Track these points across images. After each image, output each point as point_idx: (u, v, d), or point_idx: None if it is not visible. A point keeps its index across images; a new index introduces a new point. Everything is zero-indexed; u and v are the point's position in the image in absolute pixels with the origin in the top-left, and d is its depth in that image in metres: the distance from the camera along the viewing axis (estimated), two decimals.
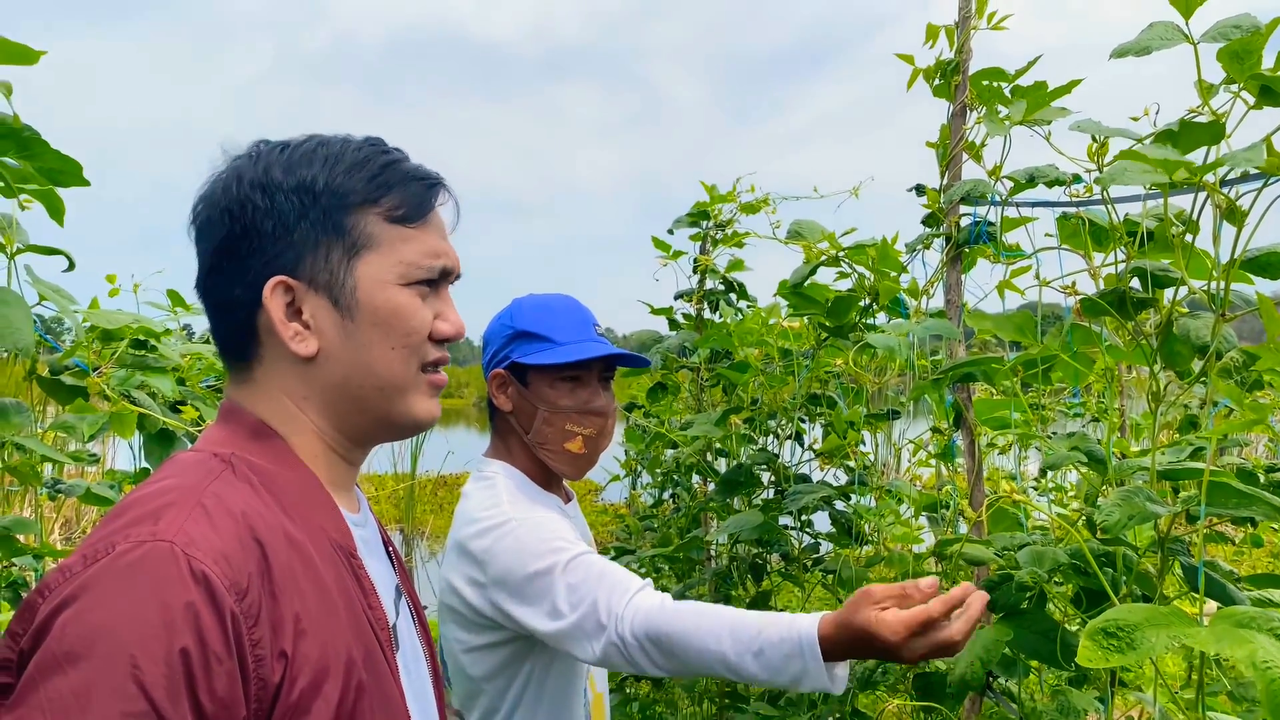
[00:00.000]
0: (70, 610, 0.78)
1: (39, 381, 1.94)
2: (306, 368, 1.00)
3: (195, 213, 1.03)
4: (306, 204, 0.99)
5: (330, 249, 1.00)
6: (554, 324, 1.71)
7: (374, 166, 1.03)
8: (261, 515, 0.89)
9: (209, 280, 1.02)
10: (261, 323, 1.00)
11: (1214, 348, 1.20)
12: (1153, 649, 1.11)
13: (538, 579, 1.50)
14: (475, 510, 1.64)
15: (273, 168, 1.01)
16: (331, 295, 1.00)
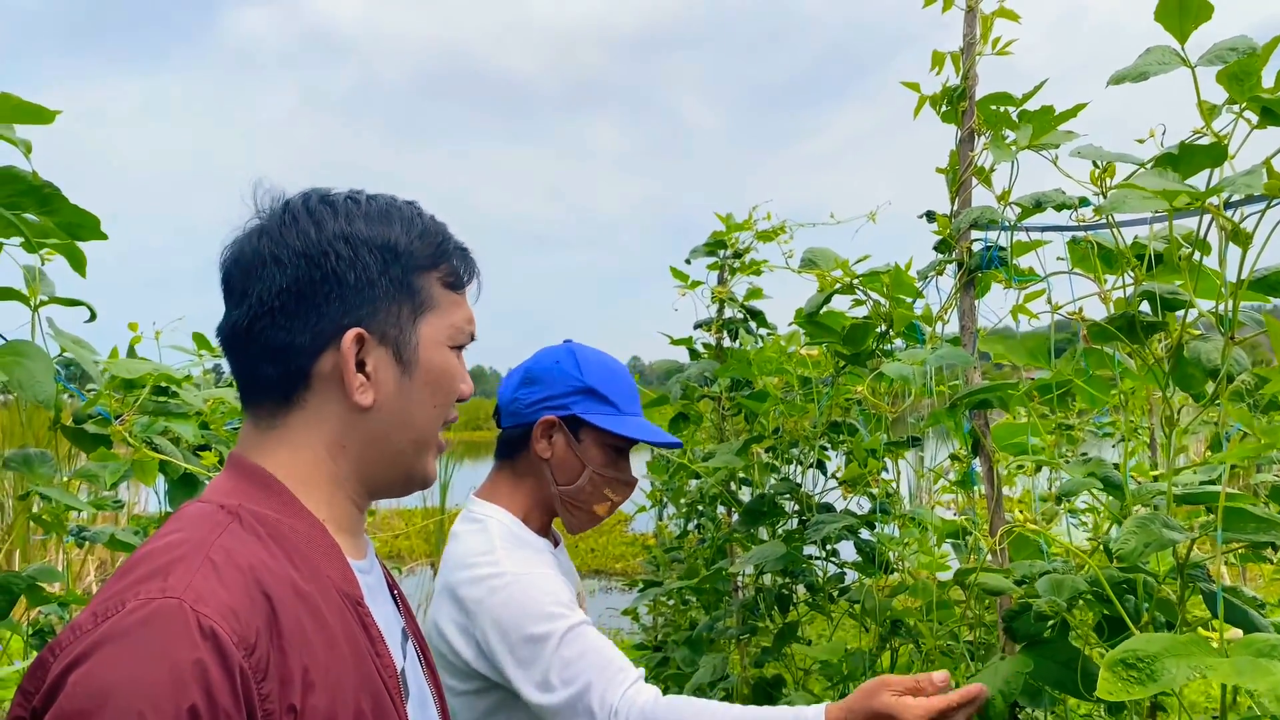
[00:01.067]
0: (81, 669, 0.79)
1: (63, 430, 1.97)
2: (355, 417, 1.02)
3: (253, 252, 1.02)
4: (388, 260, 1.03)
5: (401, 307, 1.04)
6: (618, 389, 1.73)
7: (435, 234, 1.08)
8: (269, 568, 0.90)
9: (265, 321, 1.00)
10: (320, 369, 1.01)
11: (1224, 371, 1.19)
12: (1174, 680, 1.09)
13: (532, 644, 1.50)
14: (467, 555, 1.64)
15: (355, 220, 1.03)
16: (396, 350, 1.03)
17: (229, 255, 1.04)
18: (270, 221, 1.03)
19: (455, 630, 1.60)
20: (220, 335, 1.05)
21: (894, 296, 2.24)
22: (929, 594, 2.02)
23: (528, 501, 1.75)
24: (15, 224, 1.65)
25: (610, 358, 1.79)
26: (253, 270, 1.01)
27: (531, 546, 1.69)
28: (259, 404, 1.04)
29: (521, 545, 1.67)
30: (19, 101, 1.59)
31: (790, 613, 3.04)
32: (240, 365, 1.04)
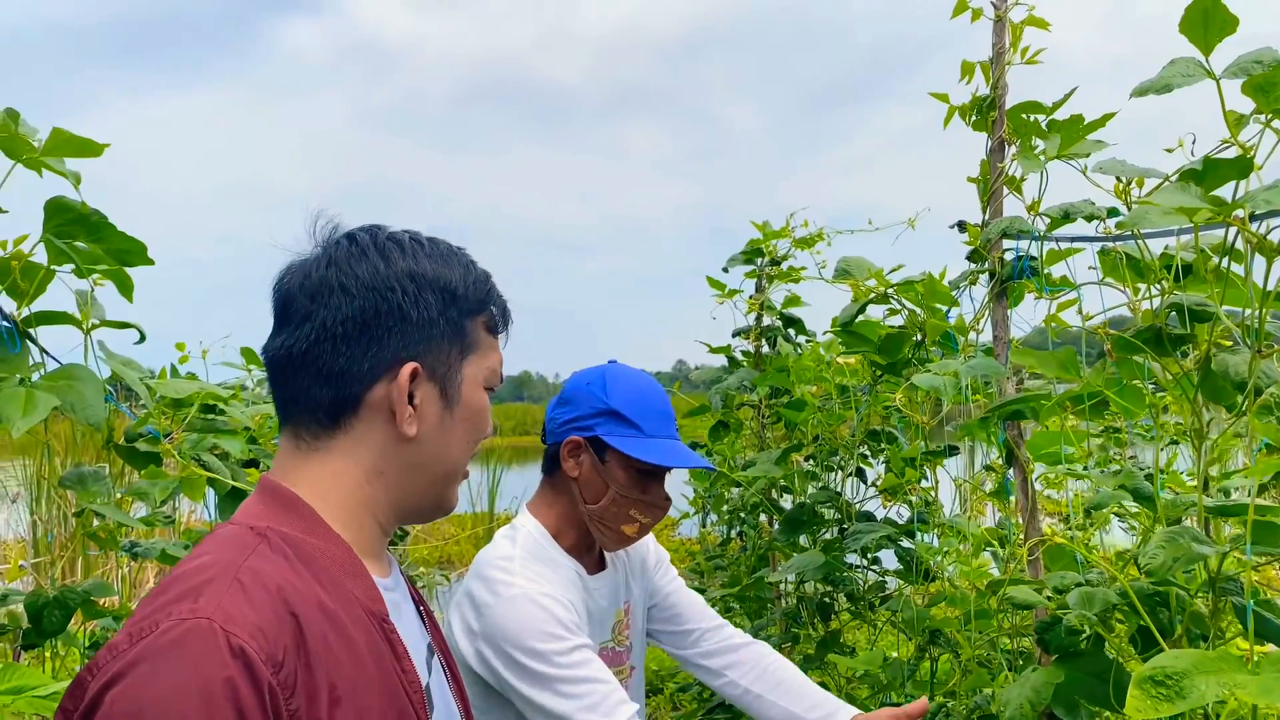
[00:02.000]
0: (118, 687, 0.82)
1: (116, 449, 2.04)
2: (397, 445, 1.06)
3: (320, 279, 1.05)
4: (447, 302, 1.08)
5: (451, 346, 1.08)
6: (645, 412, 1.74)
7: (485, 281, 1.14)
8: (295, 588, 0.93)
9: (325, 346, 1.03)
10: (373, 397, 1.04)
11: (1251, 385, 1.18)
12: (1203, 697, 1.09)
13: (532, 658, 1.55)
14: (490, 558, 1.70)
15: (421, 260, 1.08)
16: (442, 386, 1.08)
17: (293, 280, 1.08)
18: (338, 252, 1.07)
19: (462, 631, 1.65)
20: (268, 355, 1.08)
21: (928, 306, 2.24)
22: (967, 603, 2.01)
23: (561, 517, 1.78)
24: (67, 252, 1.72)
25: (646, 380, 1.80)
26: (319, 296, 1.05)
27: (553, 564, 1.73)
28: (303, 425, 1.07)
29: (542, 561, 1.71)
30: (69, 135, 1.65)
31: (832, 621, 3.04)
32: (289, 387, 1.07)
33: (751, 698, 1.82)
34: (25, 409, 1.55)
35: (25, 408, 1.55)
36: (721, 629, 1.92)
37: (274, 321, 1.09)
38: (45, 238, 1.69)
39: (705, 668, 1.89)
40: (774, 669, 1.83)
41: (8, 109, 1.64)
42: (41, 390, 1.63)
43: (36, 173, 1.70)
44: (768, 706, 1.79)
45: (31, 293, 1.74)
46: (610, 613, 1.83)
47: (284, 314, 1.08)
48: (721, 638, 1.90)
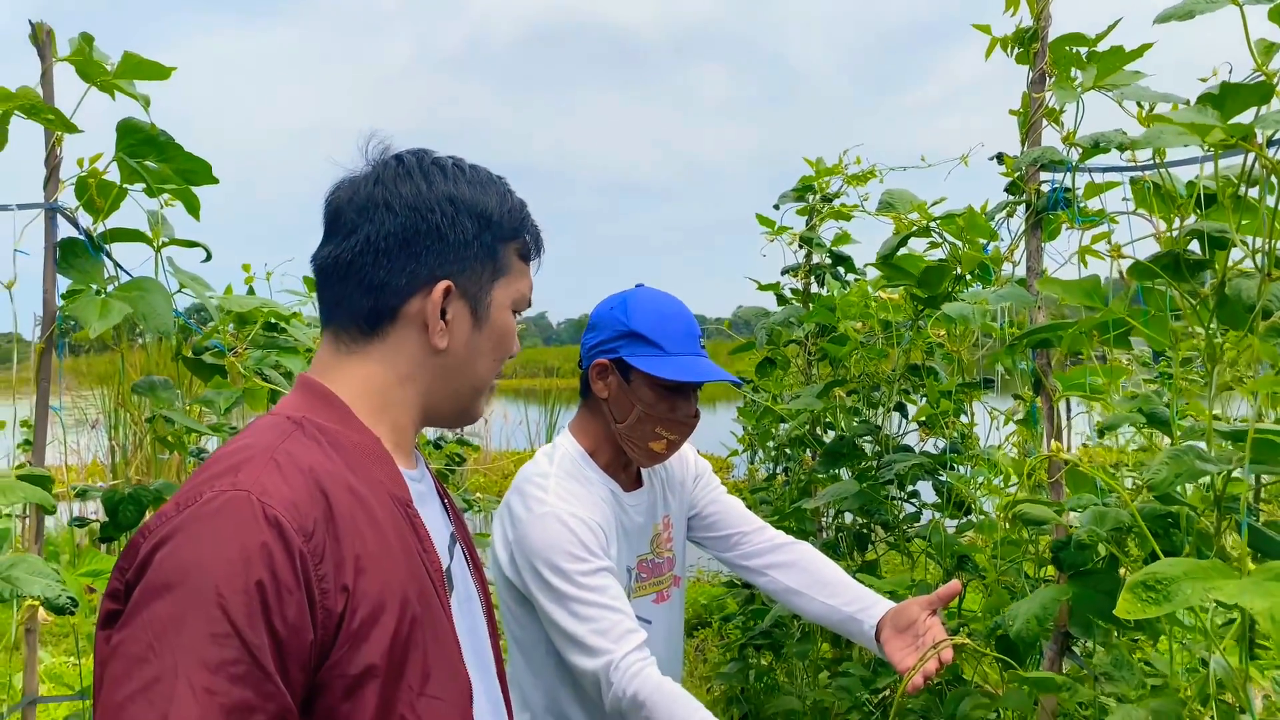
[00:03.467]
0: (166, 548, 0.93)
1: (184, 361, 2.17)
2: (427, 356, 1.15)
3: (368, 196, 1.14)
4: (482, 227, 1.16)
5: (484, 268, 1.17)
6: (666, 332, 1.79)
7: (520, 209, 1.22)
8: (326, 469, 1.03)
9: (368, 258, 1.12)
10: (408, 310, 1.14)
11: (1259, 307, 1.21)
12: (1187, 600, 1.14)
13: (555, 574, 1.65)
14: (529, 473, 1.81)
15: (461, 185, 1.16)
16: (472, 306, 1.17)
17: (342, 194, 1.17)
18: (385, 172, 1.16)
19: (500, 538, 1.75)
20: (316, 263, 1.18)
21: (968, 239, 2.26)
22: (994, 529, 2.07)
23: (597, 437, 1.87)
24: (138, 171, 1.83)
25: (668, 301, 1.86)
26: (365, 211, 1.14)
27: (587, 482, 1.82)
28: (343, 330, 1.17)
29: (577, 479, 1.80)
30: (139, 59, 1.76)
31: (869, 551, 3.11)
32: (334, 293, 1.16)
33: (792, 594, 1.90)
34: (101, 313, 1.67)
35: (101, 312, 1.68)
36: (762, 530, 2.00)
37: (323, 232, 1.18)
38: (118, 156, 1.80)
39: (747, 568, 1.98)
40: (814, 567, 1.91)
41: (82, 34, 1.74)
42: (115, 299, 1.76)
43: (109, 95, 1.81)
44: (807, 602, 1.87)
45: (106, 209, 1.86)
46: (648, 527, 1.92)
47: (333, 225, 1.17)
48: (763, 539, 1.99)
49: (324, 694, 0.95)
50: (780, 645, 3.79)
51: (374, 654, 0.98)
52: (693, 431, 1.84)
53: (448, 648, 1.08)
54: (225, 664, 0.88)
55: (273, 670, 0.90)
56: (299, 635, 0.92)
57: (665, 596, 1.95)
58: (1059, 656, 1.81)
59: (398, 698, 1.00)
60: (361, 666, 0.97)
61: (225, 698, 0.87)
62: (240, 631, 0.89)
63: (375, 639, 0.98)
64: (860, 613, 1.77)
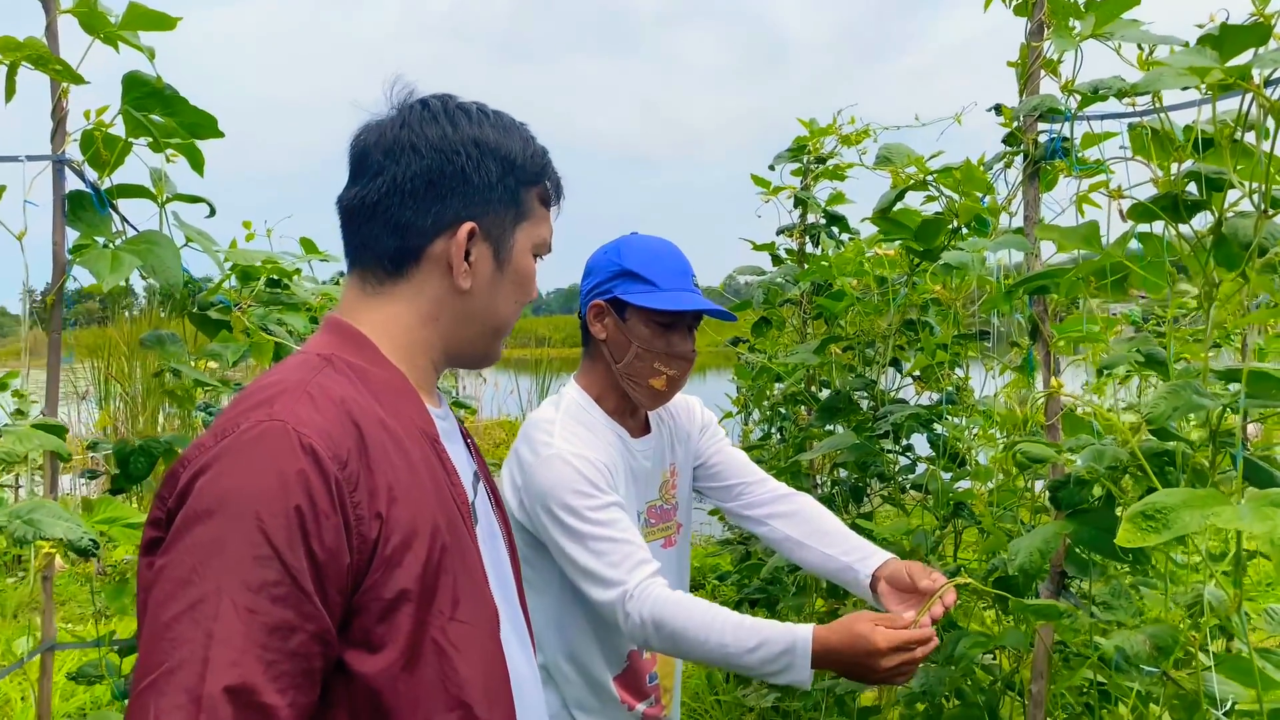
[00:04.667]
0: (206, 476, 0.95)
1: (190, 317, 2.18)
2: (451, 296, 1.18)
3: (394, 138, 1.16)
4: (505, 170, 1.19)
5: (507, 211, 1.20)
6: (658, 269, 1.84)
7: (542, 155, 1.25)
8: (357, 402, 1.06)
9: (395, 199, 1.15)
10: (433, 250, 1.16)
11: (1255, 244, 1.24)
12: (1186, 527, 1.18)
13: (566, 511, 1.69)
14: (536, 420, 1.85)
15: (486, 128, 1.19)
16: (495, 248, 1.20)
17: (369, 136, 1.19)
18: (411, 115, 1.18)
19: (509, 484, 1.81)
20: (342, 204, 1.20)
21: (965, 191, 2.28)
22: (989, 475, 2.11)
23: (601, 383, 1.90)
24: (144, 124, 1.84)
25: (660, 242, 1.90)
26: (391, 153, 1.16)
27: (593, 427, 1.85)
28: (369, 270, 1.19)
29: (583, 424, 1.84)
30: (144, 9, 1.76)
31: (864, 504, 3.16)
32: (361, 234, 1.19)
33: (791, 544, 1.94)
34: (113, 266, 1.69)
35: (113, 265, 1.69)
36: (764, 482, 2.04)
37: (349, 174, 1.21)
38: (124, 109, 1.81)
39: (748, 517, 2.02)
40: (814, 518, 1.95)
41: None
42: (125, 252, 1.77)
43: (113, 48, 1.81)
44: (806, 551, 1.91)
45: (112, 163, 1.86)
46: (656, 473, 1.96)
47: (359, 167, 1.19)
48: (764, 490, 2.02)
49: (360, 616, 0.99)
50: (776, 601, 3.85)
51: (407, 579, 1.01)
52: (690, 367, 1.87)
53: (475, 576, 1.12)
54: (267, 585, 0.91)
55: (312, 592, 0.93)
56: (336, 559, 0.95)
57: (672, 541, 1.99)
58: (1055, 596, 1.85)
59: (430, 621, 1.03)
60: (395, 591, 1.00)
61: (267, 617, 0.90)
62: (281, 554, 0.92)
63: (408, 565, 1.01)
64: (857, 562, 1.81)
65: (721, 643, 1.54)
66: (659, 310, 1.80)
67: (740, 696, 4.01)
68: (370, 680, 0.99)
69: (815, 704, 3.32)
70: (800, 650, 1.50)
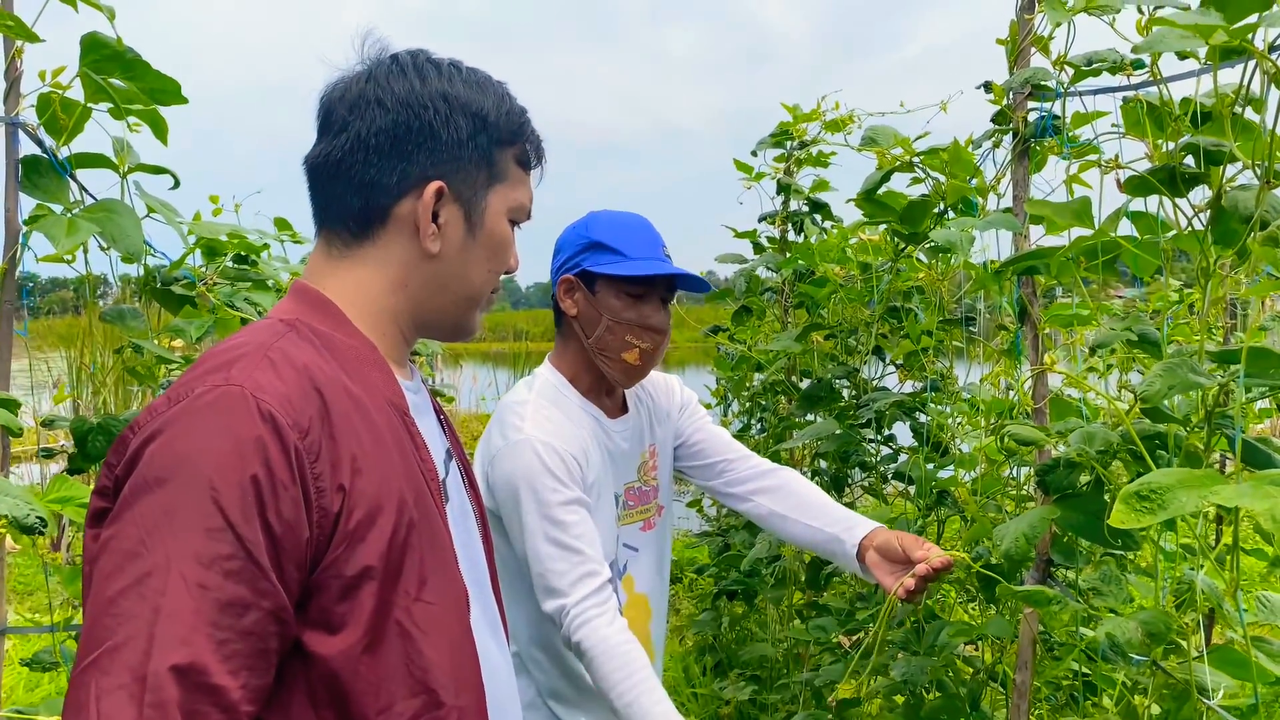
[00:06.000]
0: (157, 442, 0.89)
1: (152, 292, 2.11)
2: (420, 261, 1.12)
3: (359, 93, 1.10)
4: (477, 128, 1.12)
5: (478, 172, 1.13)
6: (627, 240, 1.79)
7: (519, 114, 1.17)
8: (322, 369, 0.99)
9: (358, 156, 1.08)
10: (399, 211, 1.10)
11: (1257, 216, 1.20)
12: (1182, 508, 1.14)
13: (528, 498, 1.66)
14: (508, 402, 1.81)
15: (456, 84, 1.12)
16: (466, 210, 1.12)
17: (335, 91, 1.13)
18: (379, 70, 1.12)
19: (479, 466, 1.76)
20: (308, 164, 1.14)
21: (952, 173, 2.24)
22: (973, 464, 2.07)
23: (575, 363, 1.85)
24: (104, 88, 1.76)
25: (629, 214, 1.85)
26: (356, 108, 1.10)
27: (567, 408, 1.80)
28: (335, 233, 1.13)
29: (557, 405, 1.79)
30: None
31: (846, 493, 3.12)
32: (325, 194, 1.13)
33: (776, 519, 1.90)
34: (69, 231, 1.62)
35: (69, 230, 1.62)
36: (748, 459, 1.99)
37: (316, 131, 1.14)
38: (82, 71, 1.74)
39: (732, 494, 1.97)
40: (799, 491, 1.91)
41: None
42: (83, 219, 1.70)
43: (72, 6, 1.74)
44: (791, 525, 1.87)
45: (70, 128, 1.79)
46: (634, 454, 1.91)
47: (325, 124, 1.13)
48: (747, 466, 1.98)
49: (320, 595, 0.93)
50: (754, 594, 3.81)
51: (370, 555, 0.95)
52: (665, 341, 1.82)
53: (444, 555, 1.06)
54: (219, 559, 0.85)
55: (268, 567, 0.87)
56: (294, 532, 0.90)
57: (652, 524, 1.94)
58: (1041, 584, 1.81)
59: (394, 601, 0.97)
60: (358, 568, 0.94)
61: (219, 593, 0.84)
62: (235, 526, 0.86)
63: (372, 540, 0.96)
64: (844, 533, 1.77)
65: (625, 703, 1.54)
66: (629, 278, 1.75)
67: (717, 690, 3.97)
68: (329, 662, 0.93)
69: (793, 697, 3.28)
70: None
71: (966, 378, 2.61)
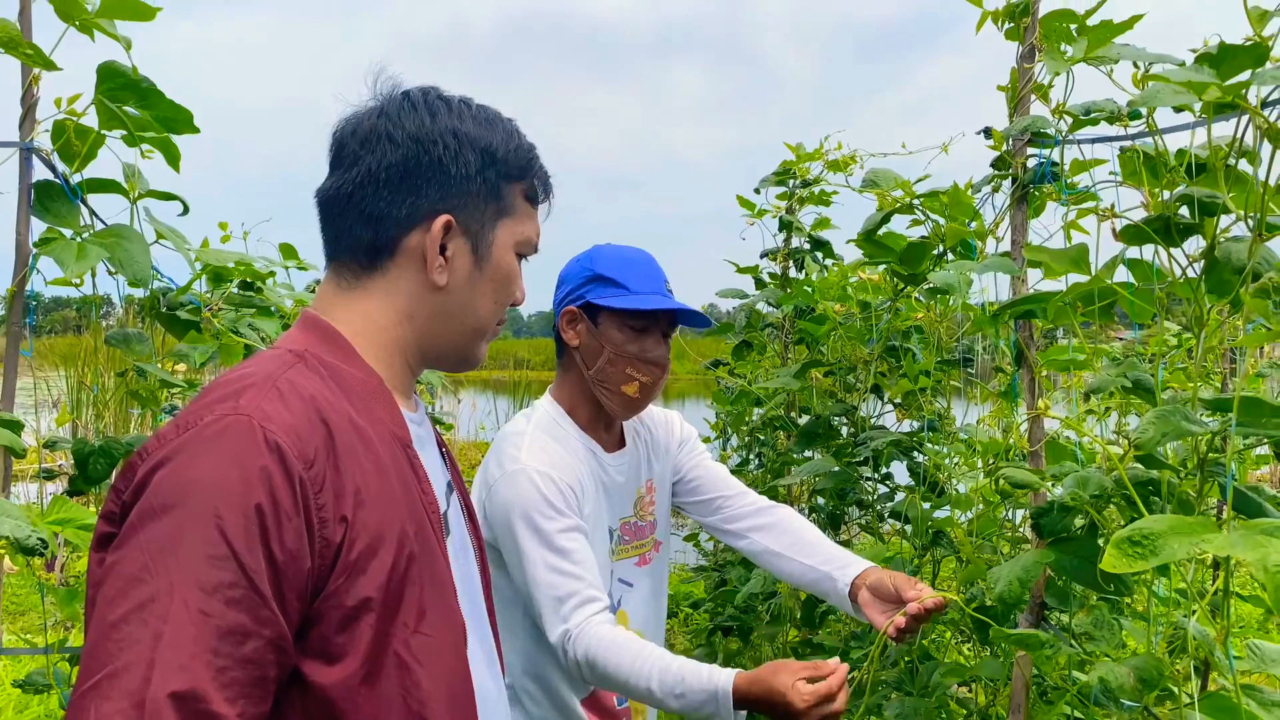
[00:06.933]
0: (165, 469, 0.91)
1: (158, 317, 2.13)
2: (427, 293, 1.14)
3: (371, 128, 1.13)
4: (486, 163, 1.15)
5: (486, 206, 1.15)
6: (630, 274, 1.81)
7: (527, 150, 1.20)
8: (328, 400, 1.01)
9: (368, 189, 1.11)
10: (408, 243, 1.12)
11: (1249, 268, 1.22)
12: (1174, 554, 1.14)
13: (526, 529, 1.67)
14: (506, 433, 1.82)
15: (466, 120, 1.15)
16: (473, 244, 1.15)
17: (347, 127, 1.16)
18: (390, 105, 1.15)
19: (476, 498, 1.77)
20: (319, 197, 1.16)
21: (951, 215, 2.27)
22: (969, 505, 2.08)
23: (574, 394, 1.87)
24: (118, 115, 1.79)
25: (633, 249, 1.88)
26: (368, 143, 1.12)
27: (564, 440, 1.82)
28: (345, 264, 1.15)
29: (554, 437, 1.81)
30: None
31: (842, 530, 3.12)
32: (335, 226, 1.15)
33: (771, 556, 1.91)
34: (78, 256, 1.64)
35: (78, 255, 1.64)
36: (744, 495, 2.00)
37: (329, 165, 1.17)
38: (97, 99, 1.76)
39: (728, 531, 1.98)
40: (794, 529, 1.92)
41: None
42: (92, 244, 1.72)
43: (89, 36, 1.76)
44: (785, 563, 1.88)
45: (84, 154, 1.81)
46: (631, 489, 1.92)
47: (337, 158, 1.16)
48: (744, 503, 1.99)
49: (319, 624, 0.94)
50: (749, 630, 3.80)
51: (370, 587, 0.96)
52: (664, 375, 1.84)
53: (443, 589, 1.07)
54: (222, 586, 0.86)
55: (269, 596, 0.88)
56: (297, 562, 0.91)
57: (647, 560, 1.94)
58: (1034, 627, 1.82)
59: (392, 633, 0.98)
60: (358, 599, 0.95)
61: (220, 620, 0.85)
62: (238, 554, 0.87)
63: (372, 572, 0.97)
64: (836, 571, 1.78)
65: (649, 687, 1.54)
66: (631, 311, 1.77)
67: None
68: (327, 692, 0.94)
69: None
70: (722, 700, 1.50)
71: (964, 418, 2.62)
